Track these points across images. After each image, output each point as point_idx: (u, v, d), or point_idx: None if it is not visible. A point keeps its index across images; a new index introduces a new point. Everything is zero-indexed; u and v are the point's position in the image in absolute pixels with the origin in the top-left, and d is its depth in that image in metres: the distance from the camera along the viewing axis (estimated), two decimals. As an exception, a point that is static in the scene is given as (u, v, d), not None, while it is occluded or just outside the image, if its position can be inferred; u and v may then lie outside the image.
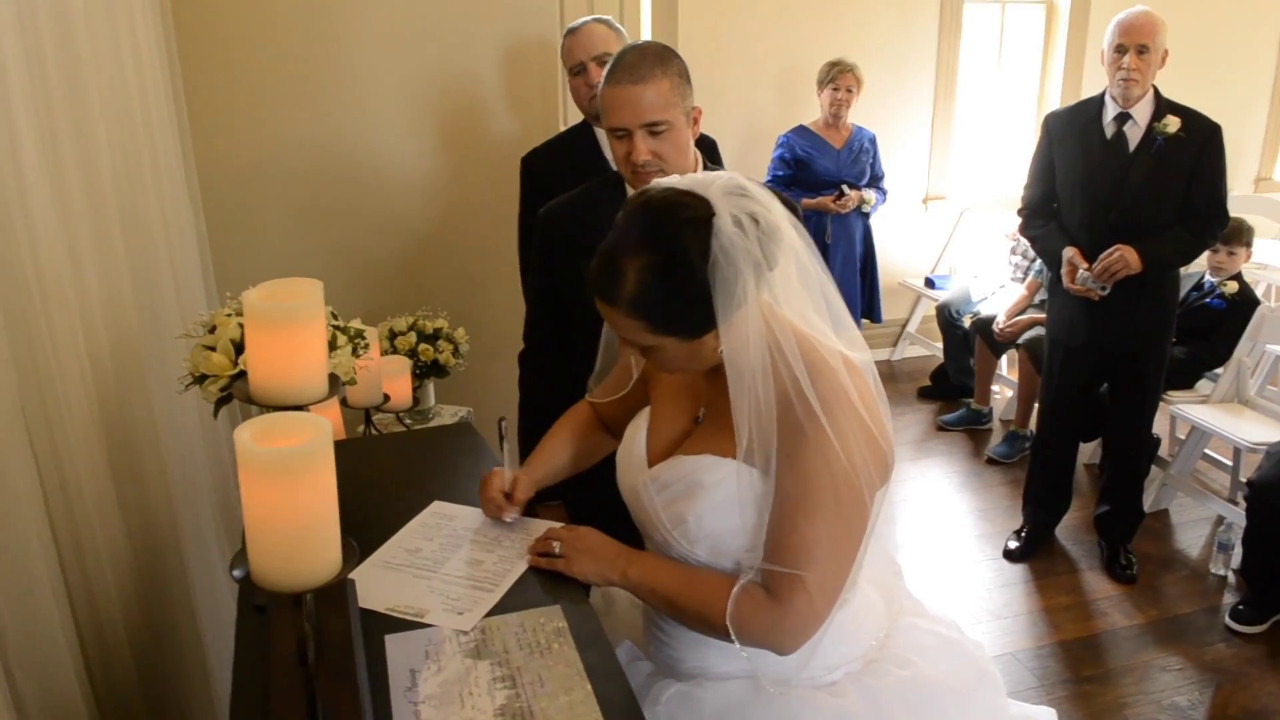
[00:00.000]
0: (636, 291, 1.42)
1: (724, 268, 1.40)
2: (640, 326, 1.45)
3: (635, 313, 1.44)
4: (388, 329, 3.12)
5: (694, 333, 1.45)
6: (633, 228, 1.46)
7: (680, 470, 1.57)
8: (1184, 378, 4.39)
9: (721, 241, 1.40)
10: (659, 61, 2.02)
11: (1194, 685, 3.30)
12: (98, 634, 1.55)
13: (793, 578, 1.45)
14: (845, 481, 1.45)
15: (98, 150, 1.83)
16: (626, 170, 2.08)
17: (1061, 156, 3.70)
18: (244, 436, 1.04)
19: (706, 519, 1.53)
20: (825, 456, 1.43)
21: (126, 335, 1.88)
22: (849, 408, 1.45)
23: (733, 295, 1.42)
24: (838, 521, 1.46)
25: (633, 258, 1.43)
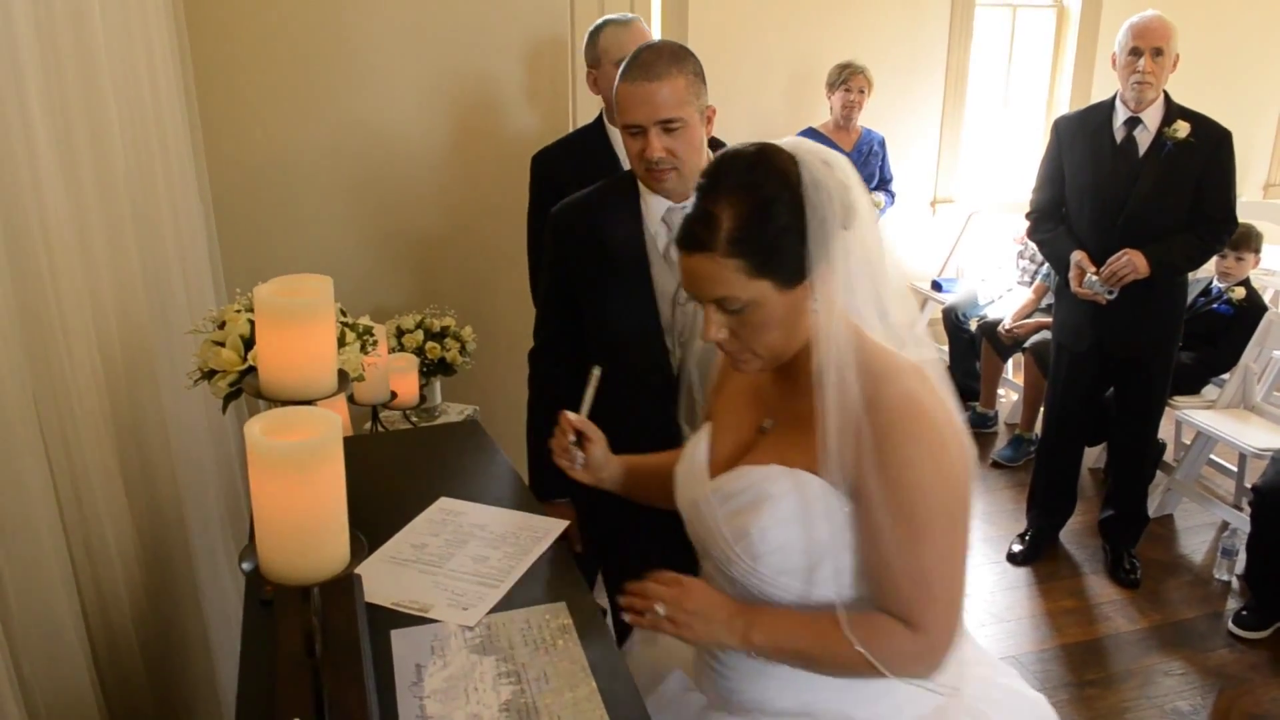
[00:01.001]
0: (735, 226, 1.37)
1: (815, 196, 1.37)
2: (739, 268, 1.38)
3: (734, 251, 1.38)
4: (395, 327, 3.13)
5: (791, 278, 1.39)
6: (720, 176, 1.42)
7: (745, 480, 1.50)
8: (1190, 383, 4.38)
9: (811, 173, 1.38)
10: (675, 60, 2.03)
11: (1196, 690, 3.30)
12: (106, 626, 1.57)
13: (926, 601, 1.40)
14: (952, 487, 1.40)
15: (111, 148, 1.84)
16: (640, 168, 2.08)
17: (1071, 160, 3.70)
18: (255, 430, 1.05)
19: (771, 533, 1.45)
20: (929, 463, 1.37)
21: (137, 331, 1.89)
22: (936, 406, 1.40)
23: (824, 228, 1.38)
24: (953, 536, 1.41)
25: (726, 197, 1.39)
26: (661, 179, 2.06)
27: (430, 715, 1.37)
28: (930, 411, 1.39)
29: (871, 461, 1.37)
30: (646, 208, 2.15)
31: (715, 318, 1.44)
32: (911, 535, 1.38)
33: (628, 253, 2.14)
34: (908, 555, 1.38)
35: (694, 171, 2.10)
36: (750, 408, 1.61)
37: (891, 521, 1.37)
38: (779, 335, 1.44)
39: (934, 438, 1.38)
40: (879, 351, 1.44)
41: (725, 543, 1.50)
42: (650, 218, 2.15)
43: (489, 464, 2.07)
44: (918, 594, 1.40)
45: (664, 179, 2.06)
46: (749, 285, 1.39)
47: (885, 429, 1.37)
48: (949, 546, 1.41)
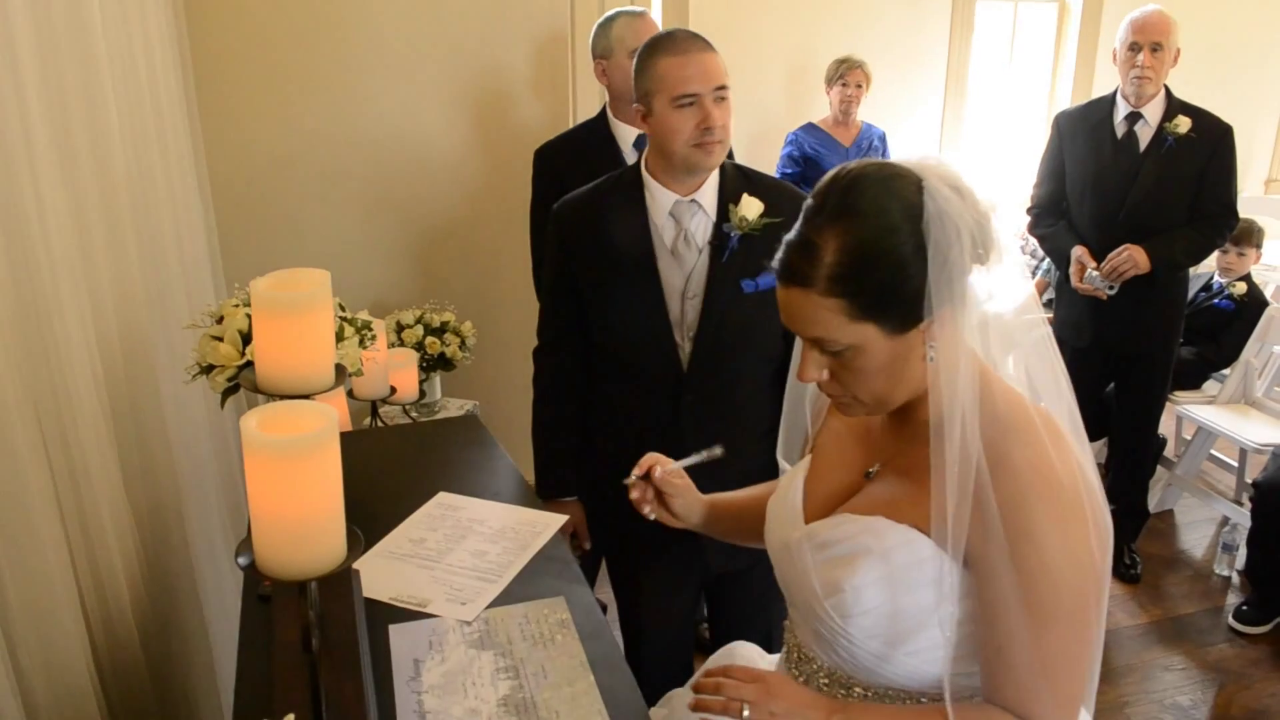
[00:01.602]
0: (838, 261, 1.21)
1: (939, 230, 1.21)
2: (840, 309, 1.22)
3: (835, 290, 1.22)
4: (395, 322, 3.13)
5: (902, 322, 1.23)
6: (829, 199, 1.25)
7: (845, 530, 1.35)
8: (1191, 378, 4.38)
9: (937, 202, 1.22)
10: (707, 41, 2.09)
11: (1196, 685, 3.30)
12: (105, 620, 1.57)
13: (1044, 695, 1.24)
14: (1085, 574, 1.23)
15: (110, 143, 1.84)
16: (686, 144, 2.06)
17: (1072, 155, 3.70)
18: (250, 424, 1.05)
19: (868, 593, 1.30)
20: (1060, 546, 1.21)
21: (136, 325, 1.89)
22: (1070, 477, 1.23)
23: (946, 268, 1.21)
24: (1081, 623, 1.24)
25: (832, 227, 1.23)
26: (713, 151, 2.07)
27: (428, 710, 1.38)
28: (1066, 480, 1.22)
29: (995, 533, 1.21)
30: (653, 201, 2.15)
31: (812, 357, 1.29)
32: (1035, 621, 1.22)
33: (634, 248, 2.14)
34: (1029, 643, 1.22)
35: (727, 150, 2.14)
36: (858, 447, 1.46)
37: (1013, 604, 1.22)
38: (884, 382, 1.28)
39: (1068, 512, 1.22)
40: (1011, 402, 1.28)
41: (815, 596, 1.36)
42: (656, 211, 2.14)
43: (488, 459, 2.07)
44: (1036, 686, 1.24)
45: (714, 150, 2.07)
46: (850, 329, 1.24)
47: (1014, 499, 1.21)
48: (1075, 636, 1.24)
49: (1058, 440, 1.25)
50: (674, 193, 2.13)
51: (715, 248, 2.14)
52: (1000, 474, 1.21)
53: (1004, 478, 1.21)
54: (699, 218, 2.15)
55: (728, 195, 2.15)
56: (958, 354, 1.25)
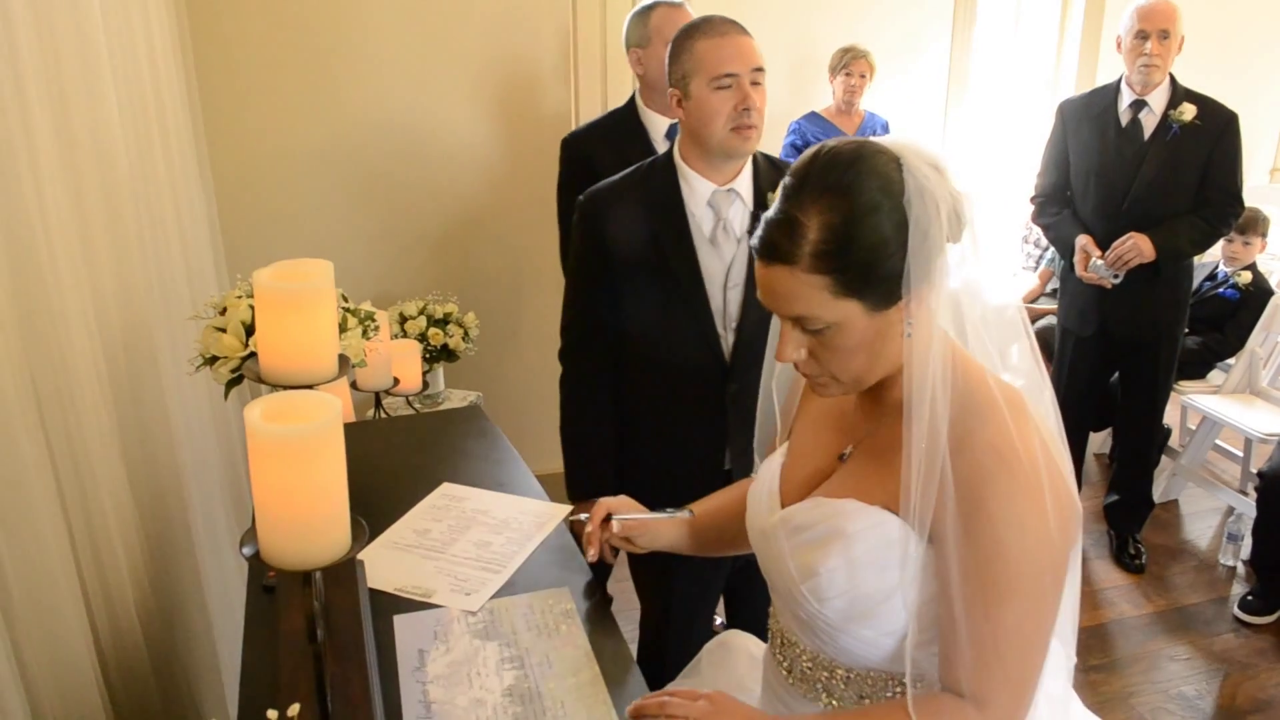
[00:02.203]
0: (822, 239, 1.20)
1: (919, 208, 1.20)
2: (824, 286, 1.21)
3: (820, 266, 1.20)
4: (398, 313, 3.12)
5: (884, 298, 1.22)
6: (810, 176, 1.23)
7: (817, 513, 1.34)
8: (1196, 368, 4.37)
9: (917, 178, 1.21)
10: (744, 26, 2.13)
11: (1201, 675, 3.29)
12: (109, 612, 1.56)
13: (993, 676, 1.23)
14: (1040, 553, 1.21)
15: (111, 135, 1.83)
16: (724, 127, 2.06)
17: (1076, 144, 3.68)
18: (254, 414, 1.04)
19: (841, 575, 1.30)
20: (1015, 524, 1.19)
21: (138, 317, 1.89)
22: (1029, 456, 1.21)
23: (924, 245, 1.21)
24: (1036, 602, 1.23)
25: (815, 203, 1.20)
26: (749, 135, 2.06)
27: (433, 700, 1.37)
28: (1028, 460, 1.21)
29: (950, 510, 1.21)
30: (690, 191, 2.13)
31: (792, 336, 1.28)
32: (987, 599, 1.21)
33: (673, 239, 2.12)
34: (979, 620, 1.21)
35: (760, 135, 2.13)
36: (832, 431, 1.45)
37: (964, 580, 1.21)
38: (864, 360, 1.27)
39: (1027, 492, 1.20)
40: (979, 380, 1.27)
41: (791, 581, 1.35)
42: (694, 201, 2.13)
43: (492, 450, 2.07)
44: (986, 665, 1.23)
45: (750, 136, 2.07)
46: (833, 305, 1.22)
47: (970, 477, 1.21)
48: (1029, 616, 1.22)
49: (1021, 418, 1.24)
50: (711, 182, 2.12)
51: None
52: (959, 451, 1.21)
53: (962, 455, 1.21)
54: (737, 206, 2.14)
55: (763, 184, 2.15)
56: (932, 331, 1.25)
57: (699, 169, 2.12)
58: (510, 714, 1.36)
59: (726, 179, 2.12)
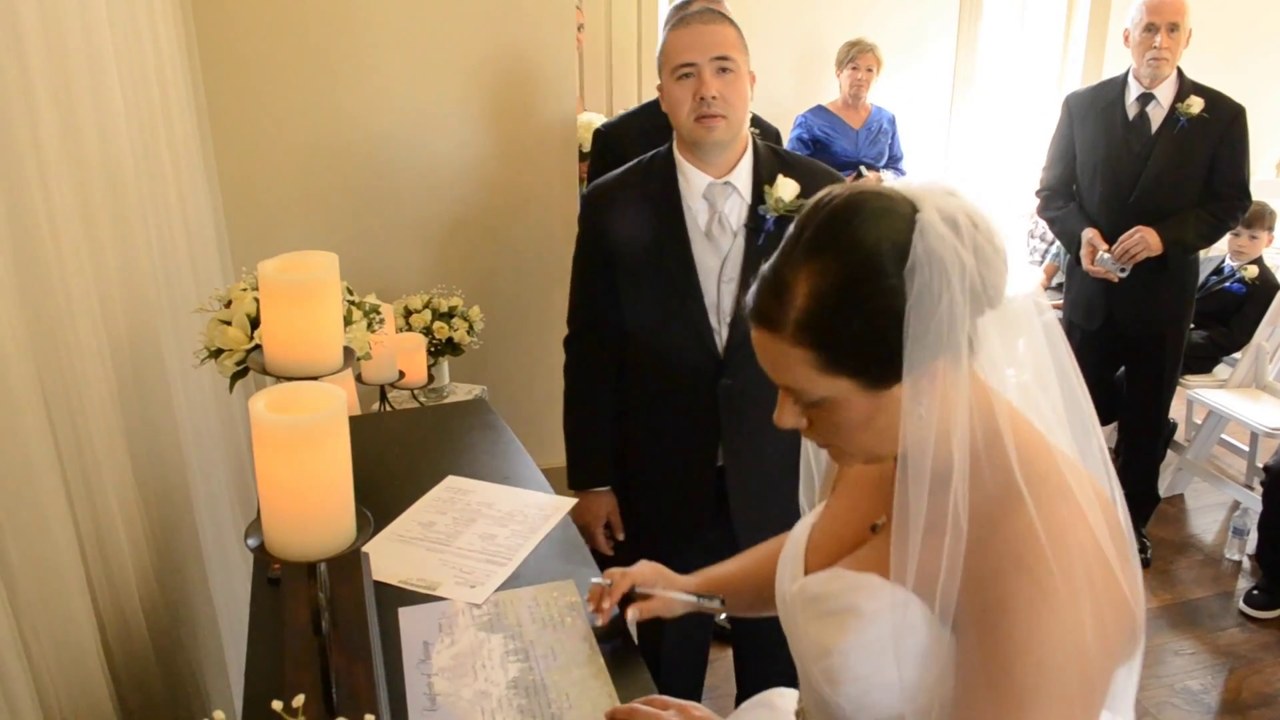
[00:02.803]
0: (808, 307, 1.06)
1: (926, 276, 1.03)
2: (809, 361, 1.07)
3: (804, 338, 1.06)
4: (403, 307, 3.12)
5: (880, 377, 1.07)
6: (807, 230, 1.09)
7: (836, 585, 1.20)
8: (1202, 362, 4.36)
9: (927, 240, 1.03)
10: (723, 14, 2.09)
11: (1206, 670, 3.29)
12: (115, 605, 1.56)
13: None
14: (1066, 659, 1.02)
15: (116, 128, 1.83)
16: (688, 117, 2.06)
17: (1082, 137, 3.68)
18: (259, 405, 1.04)
19: (855, 659, 1.15)
20: (1038, 632, 1.01)
21: (144, 310, 1.89)
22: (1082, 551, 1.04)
23: (933, 319, 1.03)
24: (1063, 713, 1.03)
25: (805, 264, 1.07)
26: (712, 125, 2.04)
27: (438, 692, 1.38)
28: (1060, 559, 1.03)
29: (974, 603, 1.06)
30: (686, 184, 2.13)
31: (788, 404, 1.14)
32: (998, 701, 1.03)
33: (668, 232, 2.13)
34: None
35: (739, 128, 2.11)
36: (869, 496, 1.29)
37: (980, 676, 1.05)
38: (869, 438, 1.12)
39: (1053, 597, 1.02)
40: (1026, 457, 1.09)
41: (808, 659, 1.22)
42: (690, 194, 2.13)
43: (497, 442, 2.07)
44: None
45: (714, 125, 2.04)
46: (823, 381, 1.08)
47: (996, 570, 1.04)
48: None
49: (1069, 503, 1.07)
50: (706, 174, 2.12)
51: (750, 230, 2.12)
52: (988, 540, 1.06)
53: (991, 544, 1.05)
54: (733, 200, 2.13)
55: (762, 177, 2.14)
56: (954, 410, 1.08)
57: (693, 161, 2.12)
58: (515, 706, 1.36)
59: (722, 171, 2.12)
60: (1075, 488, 1.08)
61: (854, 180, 4.89)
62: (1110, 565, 1.05)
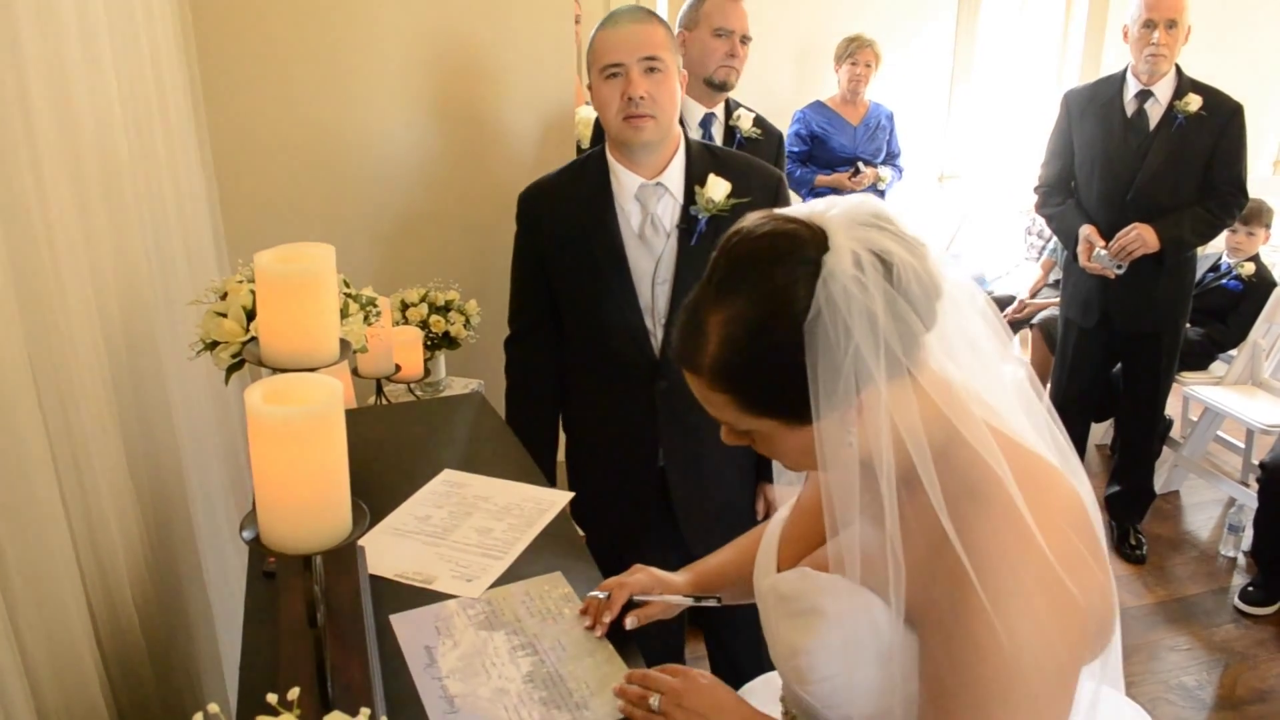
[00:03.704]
0: (720, 354, 1.08)
1: (826, 325, 1.03)
2: (729, 404, 1.11)
3: (720, 383, 1.10)
4: (399, 300, 3.11)
5: (802, 415, 1.07)
6: (717, 269, 1.11)
7: (802, 586, 1.22)
8: (1198, 359, 4.37)
9: (829, 288, 1.04)
10: (653, 15, 2.09)
11: (1202, 666, 3.30)
12: (107, 599, 1.56)
13: None
14: (1040, 666, 1.03)
15: (111, 120, 1.82)
16: (617, 117, 2.06)
17: (1080, 134, 3.68)
18: (255, 397, 1.04)
19: (821, 660, 1.16)
20: (1011, 630, 1.01)
21: (139, 303, 1.88)
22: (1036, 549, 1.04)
23: (841, 368, 1.04)
24: (1029, 711, 1.04)
25: (716, 308, 1.09)
26: (640, 125, 2.04)
27: (455, 694, 1.36)
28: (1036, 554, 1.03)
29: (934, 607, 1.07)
30: (618, 185, 2.13)
31: (727, 431, 1.18)
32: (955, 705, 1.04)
33: (601, 234, 2.13)
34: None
35: (669, 128, 2.09)
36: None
37: (940, 678, 1.06)
38: (811, 460, 1.13)
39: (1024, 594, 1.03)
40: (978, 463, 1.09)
41: (780, 656, 1.24)
42: (622, 195, 2.13)
43: (493, 436, 2.06)
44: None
45: (642, 126, 2.04)
46: (744, 419, 1.12)
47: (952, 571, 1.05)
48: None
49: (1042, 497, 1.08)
50: (638, 175, 2.12)
51: (683, 232, 2.12)
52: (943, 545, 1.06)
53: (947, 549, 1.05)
54: (665, 201, 2.13)
55: (694, 176, 2.13)
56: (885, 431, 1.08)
57: (624, 163, 2.12)
58: (537, 699, 1.35)
59: (653, 172, 2.11)
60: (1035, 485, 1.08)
61: (851, 176, 4.90)
62: (1081, 558, 1.06)
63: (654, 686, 1.30)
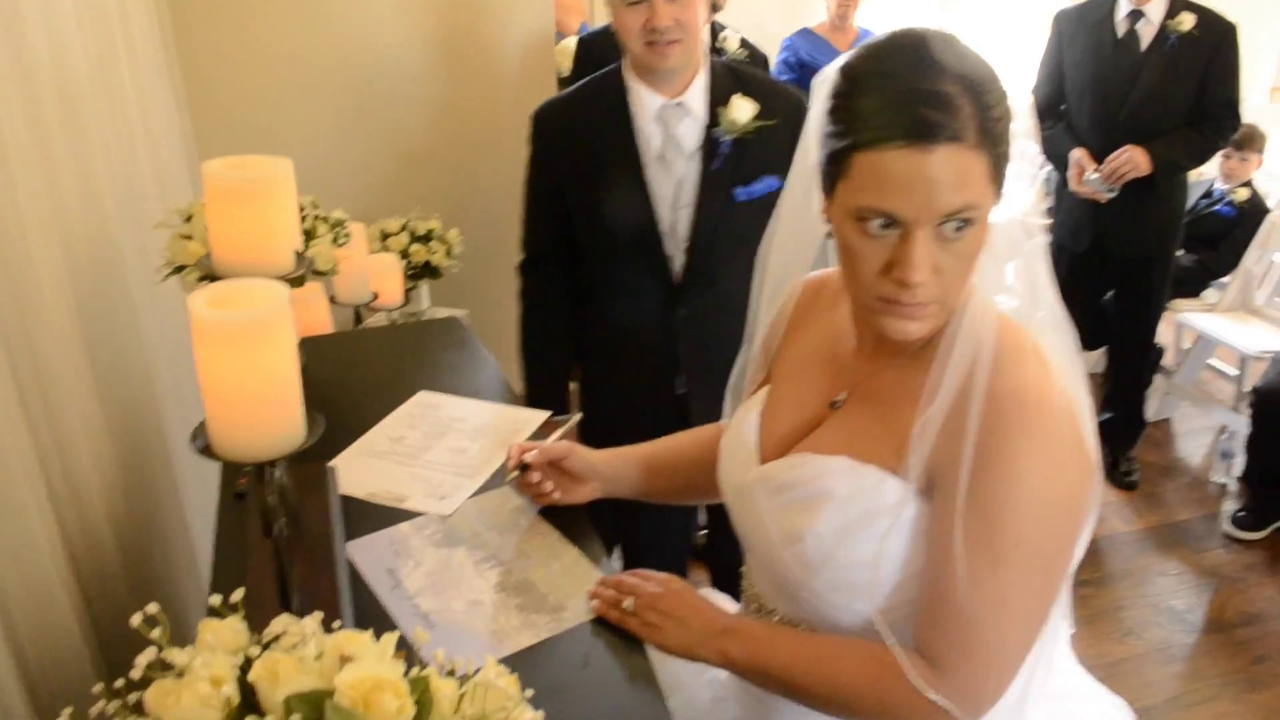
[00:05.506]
0: (977, 111, 1.03)
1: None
2: (984, 169, 1.04)
3: (985, 140, 1.04)
4: (380, 230, 3.08)
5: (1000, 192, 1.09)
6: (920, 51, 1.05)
7: (803, 471, 1.21)
8: (1191, 286, 4.34)
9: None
10: None
11: (1191, 589, 3.31)
12: (80, 521, 1.54)
13: (968, 641, 1.09)
14: (1053, 517, 1.08)
15: (68, 41, 1.77)
16: (639, 44, 1.97)
17: (1071, 55, 3.61)
18: (198, 302, 1.01)
19: (830, 541, 1.16)
20: (1026, 484, 1.05)
21: (103, 227, 1.84)
22: (1059, 411, 1.08)
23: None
24: (1038, 571, 1.09)
25: (946, 74, 1.03)
26: (665, 54, 1.96)
27: (428, 610, 1.34)
28: (1050, 415, 1.07)
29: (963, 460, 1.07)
30: (638, 105, 2.06)
31: (927, 248, 1.05)
32: (984, 561, 1.06)
33: (619, 156, 2.06)
34: (970, 586, 1.07)
35: (693, 51, 2.01)
36: (823, 375, 1.30)
37: (961, 537, 1.07)
38: (952, 282, 1.09)
39: (1050, 451, 1.07)
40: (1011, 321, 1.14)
41: (773, 545, 1.23)
42: (642, 116, 2.06)
43: (469, 360, 2.03)
44: (960, 633, 1.09)
45: (668, 54, 1.96)
46: (988, 192, 1.06)
47: (993, 425, 1.06)
48: (1026, 587, 1.08)
49: (1042, 366, 1.11)
50: (659, 95, 2.05)
51: (706, 154, 2.06)
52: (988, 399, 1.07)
53: (991, 403, 1.07)
54: (687, 122, 2.06)
55: (718, 97, 2.06)
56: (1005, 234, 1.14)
57: (646, 81, 2.04)
58: (513, 605, 1.33)
59: (675, 91, 2.04)
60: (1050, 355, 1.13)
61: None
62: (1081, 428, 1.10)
63: (628, 590, 1.30)
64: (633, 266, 2.12)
